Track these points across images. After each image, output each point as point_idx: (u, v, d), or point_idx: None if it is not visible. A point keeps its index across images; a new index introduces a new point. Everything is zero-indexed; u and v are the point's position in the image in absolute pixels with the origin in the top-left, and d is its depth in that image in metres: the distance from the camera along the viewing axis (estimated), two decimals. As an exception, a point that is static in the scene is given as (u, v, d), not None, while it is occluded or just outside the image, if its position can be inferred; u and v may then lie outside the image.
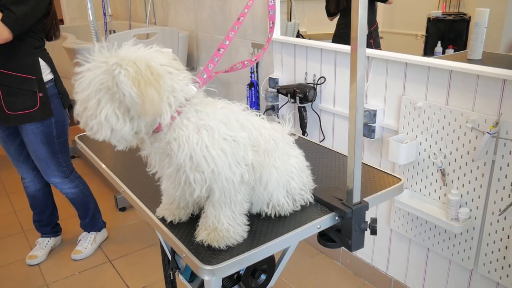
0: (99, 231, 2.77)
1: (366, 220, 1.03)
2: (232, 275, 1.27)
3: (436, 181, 1.87)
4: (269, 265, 1.30)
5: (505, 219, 1.67)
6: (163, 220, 1.03)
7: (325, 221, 1.02)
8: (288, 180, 1.01)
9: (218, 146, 0.87)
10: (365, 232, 1.04)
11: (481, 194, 1.72)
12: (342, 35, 2.53)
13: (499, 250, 1.72)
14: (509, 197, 1.64)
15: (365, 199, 1.05)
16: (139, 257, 2.67)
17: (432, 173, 1.88)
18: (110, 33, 4.00)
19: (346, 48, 2.15)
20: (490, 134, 1.60)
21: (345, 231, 1.03)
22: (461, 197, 1.78)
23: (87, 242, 2.70)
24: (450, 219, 1.79)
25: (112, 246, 2.78)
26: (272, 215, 1.02)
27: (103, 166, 1.32)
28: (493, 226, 1.72)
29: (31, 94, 2.17)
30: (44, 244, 2.68)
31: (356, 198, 1.00)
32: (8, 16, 1.96)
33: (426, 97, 1.85)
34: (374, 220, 1.03)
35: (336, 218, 1.03)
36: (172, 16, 3.57)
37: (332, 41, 2.48)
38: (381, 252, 2.28)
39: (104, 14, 3.93)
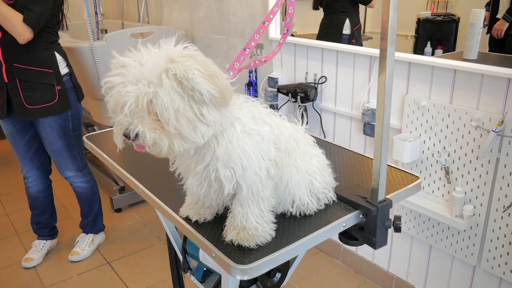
0: (98, 233, 2.73)
1: (389, 218, 1.04)
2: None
3: (440, 179, 1.90)
4: (283, 264, 1.30)
5: (509, 215, 1.70)
6: (187, 220, 1.02)
7: (350, 219, 1.02)
8: (311, 180, 1.01)
9: (248, 139, 0.88)
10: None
11: (485, 192, 1.75)
12: (326, 35, 2.55)
13: (502, 246, 1.75)
14: (513, 194, 1.67)
15: (387, 196, 1.05)
16: (138, 258, 2.64)
17: (436, 171, 1.91)
18: (102, 32, 3.95)
19: (348, 47, 2.16)
20: (496, 132, 1.63)
21: (369, 228, 1.04)
22: (465, 194, 1.80)
23: (85, 244, 2.66)
24: (454, 216, 1.82)
25: (110, 247, 2.75)
26: (297, 214, 1.03)
27: (118, 167, 1.30)
28: (497, 223, 1.75)
29: (50, 88, 2.19)
30: (40, 247, 2.63)
31: (381, 196, 1.01)
32: (29, 16, 2.00)
33: (430, 96, 1.87)
34: (398, 218, 1.04)
35: (360, 216, 1.04)
36: (166, 15, 3.54)
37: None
38: (382, 250, 2.30)
39: (96, 13, 3.89)
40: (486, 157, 1.71)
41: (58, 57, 2.24)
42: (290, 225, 0.99)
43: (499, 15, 2.09)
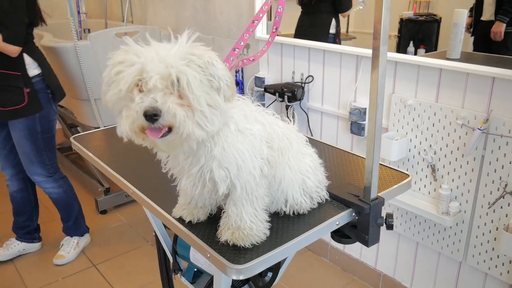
0: (82, 235, 2.69)
1: (381, 215, 1.05)
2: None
3: (426, 177, 1.93)
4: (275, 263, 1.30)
5: (494, 212, 1.74)
6: (181, 220, 1.01)
7: (343, 218, 1.03)
8: (304, 179, 1.02)
9: (242, 138, 0.88)
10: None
11: (471, 188, 1.78)
12: (311, 34, 2.56)
13: (488, 242, 1.78)
14: (498, 190, 1.70)
15: (379, 194, 1.06)
16: (124, 260, 2.61)
17: (422, 168, 1.93)
18: (84, 32, 3.89)
19: (335, 47, 2.18)
20: (481, 130, 1.66)
21: (361, 226, 1.04)
22: (451, 191, 1.83)
23: (70, 247, 2.62)
24: (441, 213, 1.84)
25: (95, 250, 2.71)
26: (291, 213, 1.03)
27: (108, 168, 1.28)
28: (483, 219, 1.78)
29: (18, 90, 2.16)
30: (11, 245, 2.58)
31: (373, 194, 1.02)
32: (6, 34, 2.00)
33: (416, 95, 1.90)
34: (390, 215, 1.05)
35: (353, 214, 1.04)
36: (151, 15, 3.51)
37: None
38: (369, 248, 2.32)
39: (79, 12, 3.83)
40: (472, 154, 1.74)
41: (28, 58, 2.19)
42: (284, 224, 0.99)
43: (483, 17, 2.12)
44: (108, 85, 0.81)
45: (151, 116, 0.74)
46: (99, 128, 2.93)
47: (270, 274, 1.35)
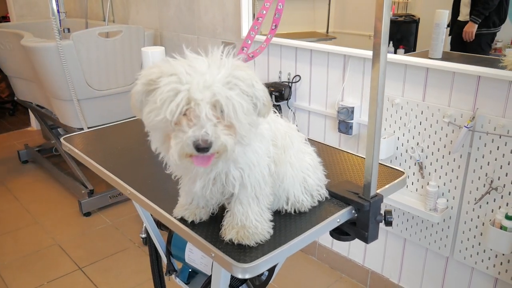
0: None
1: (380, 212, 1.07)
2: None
3: (414, 174, 1.96)
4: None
5: (480, 207, 1.78)
6: (182, 220, 1.00)
7: (343, 215, 1.04)
8: (305, 177, 1.02)
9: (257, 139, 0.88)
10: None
11: (458, 185, 1.83)
12: None
13: (474, 237, 1.83)
14: (484, 186, 1.75)
15: (377, 191, 1.08)
16: (111, 262, 2.58)
17: (410, 166, 1.97)
18: (64, 31, 3.82)
19: (322, 46, 2.20)
20: (467, 128, 1.70)
21: (361, 223, 1.06)
22: (439, 188, 1.87)
23: None
24: (428, 209, 1.88)
25: (81, 252, 2.67)
26: (292, 212, 1.03)
27: (102, 169, 1.26)
28: (469, 215, 1.82)
29: None
30: None
31: (373, 191, 1.04)
32: None
33: (403, 93, 1.93)
34: (388, 212, 1.07)
35: (353, 211, 1.06)
36: (133, 14, 3.47)
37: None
38: (357, 245, 2.35)
39: (58, 11, 3.75)
40: (458, 152, 1.78)
41: None
42: (286, 222, 1.00)
43: (460, 18, 2.16)
44: (142, 104, 0.80)
45: (203, 149, 0.75)
46: (82, 128, 2.89)
47: (266, 273, 1.36)
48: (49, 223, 2.97)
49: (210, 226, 0.99)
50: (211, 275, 1.34)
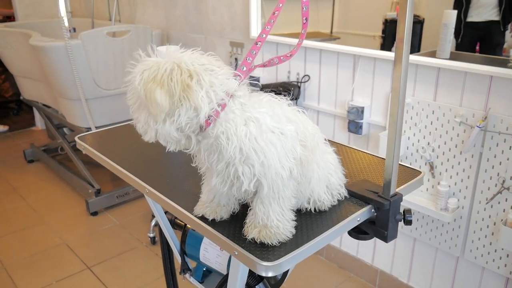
0: None
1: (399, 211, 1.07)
2: (253, 273, 1.27)
3: (424, 174, 1.96)
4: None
5: (492, 207, 1.78)
6: (203, 218, 1.01)
7: (363, 214, 1.04)
8: (328, 177, 1.03)
9: (267, 137, 0.88)
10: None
11: (469, 185, 1.83)
12: None
13: (485, 236, 1.83)
14: (495, 186, 1.75)
15: (397, 190, 1.08)
16: (119, 262, 2.58)
17: (420, 166, 1.97)
18: (70, 31, 3.82)
19: (332, 46, 2.20)
20: (480, 127, 1.70)
21: (380, 222, 1.06)
22: (450, 188, 1.87)
23: None
24: (439, 209, 1.88)
25: (89, 252, 2.67)
26: (312, 210, 1.04)
27: (119, 167, 1.27)
28: (480, 214, 1.82)
29: None
30: None
31: (392, 190, 1.04)
32: None
33: (414, 93, 1.93)
34: (408, 211, 1.07)
35: (372, 210, 1.06)
36: (139, 14, 3.47)
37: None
38: (366, 245, 2.35)
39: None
40: (470, 151, 1.78)
41: None
42: (307, 221, 1.00)
43: (476, 19, 2.16)
44: None
45: None
46: (89, 128, 2.89)
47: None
48: (56, 222, 2.97)
49: (232, 225, 0.99)
50: (226, 274, 1.35)
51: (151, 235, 2.72)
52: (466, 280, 1.97)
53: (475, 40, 2.19)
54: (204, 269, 1.50)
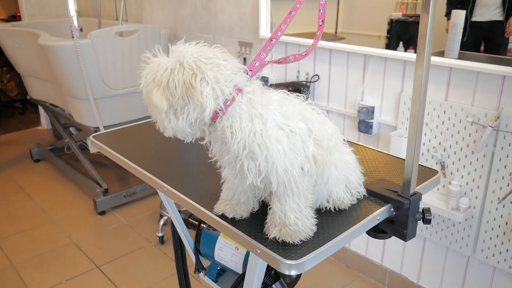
0: None
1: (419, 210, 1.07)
2: (270, 272, 1.27)
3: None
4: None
5: (503, 207, 1.78)
6: (223, 217, 1.01)
7: (383, 213, 1.04)
8: (347, 177, 1.03)
9: (272, 134, 0.88)
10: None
11: (481, 185, 1.83)
12: None
13: (497, 236, 1.83)
14: (507, 186, 1.75)
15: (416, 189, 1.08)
16: (128, 261, 2.58)
17: (432, 165, 1.97)
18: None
19: (342, 46, 2.20)
20: (492, 127, 1.70)
21: (399, 221, 1.06)
22: (461, 187, 1.87)
23: None
24: (451, 209, 1.88)
25: (97, 251, 2.68)
26: (332, 209, 1.04)
27: (136, 166, 1.27)
28: (492, 214, 1.82)
29: None
30: None
31: (412, 189, 1.04)
32: None
33: (425, 93, 1.93)
34: (427, 210, 1.07)
35: (391, 209, 1.06)
36: (147, 14, 3.48)
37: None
38: (376, 244, 2.35)
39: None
40: (482, 151, 1.78)
41: None
42: (328, 220, 1.00)
43: (480, 18, 2.16)
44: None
45: None
46: (97, 127, 2.89)
47: (296, 271, 1.37)
48: (64, 221, 2.98)
49: (252, 223, 0.99)
50: (243, 273, 1.35)
51: (160, 234, 2.72)
52: (477, 279, 1.97)
53: (479, 39, 2.19)
54: (218, 268, 1.50)
